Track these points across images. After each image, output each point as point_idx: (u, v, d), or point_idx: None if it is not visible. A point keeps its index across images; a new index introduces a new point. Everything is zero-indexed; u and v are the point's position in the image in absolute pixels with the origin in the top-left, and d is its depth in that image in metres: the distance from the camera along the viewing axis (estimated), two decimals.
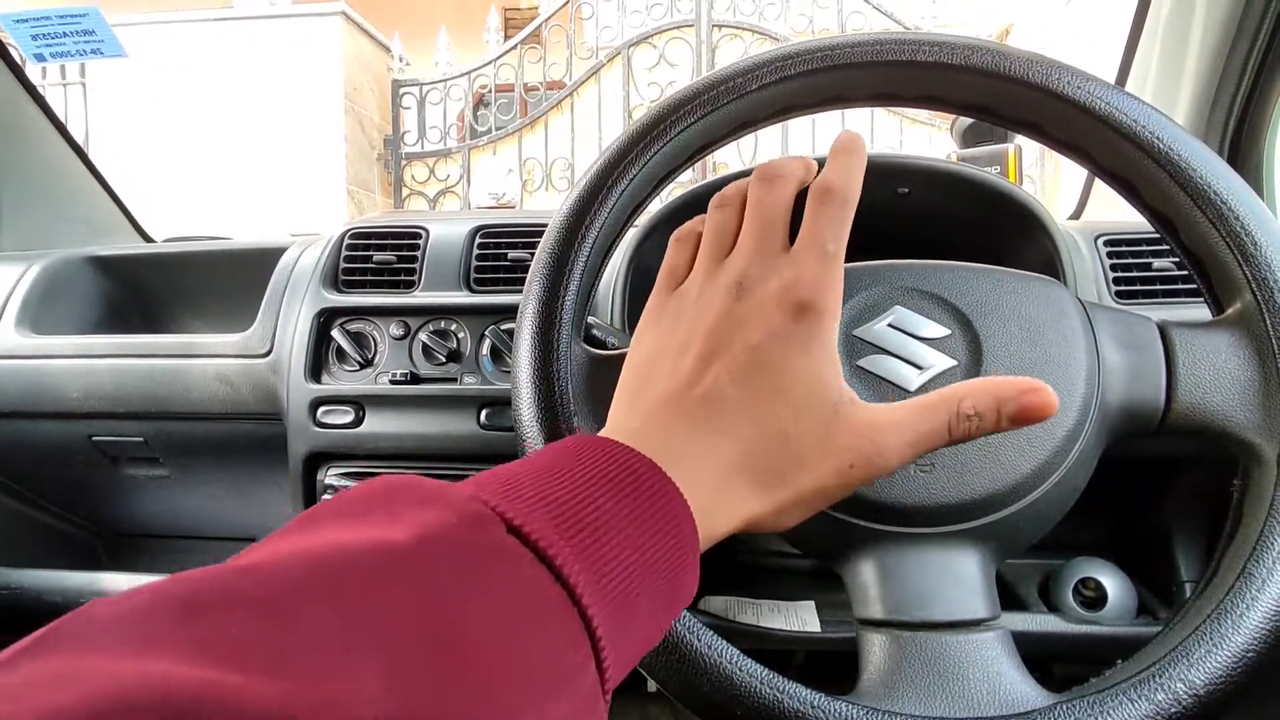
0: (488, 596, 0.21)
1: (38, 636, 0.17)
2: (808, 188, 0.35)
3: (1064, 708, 0.33)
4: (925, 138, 4.73)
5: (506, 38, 5.17)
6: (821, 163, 0.35)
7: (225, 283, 0.94)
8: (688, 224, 0.38)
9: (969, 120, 0.96)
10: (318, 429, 0.73)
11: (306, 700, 0.16)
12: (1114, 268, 0.68)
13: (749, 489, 0.30)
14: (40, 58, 1.04)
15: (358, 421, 0.72)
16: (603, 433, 0.32)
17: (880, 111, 4.67)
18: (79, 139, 1.13)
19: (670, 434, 0.30)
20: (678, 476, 0.28)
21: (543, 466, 0.26)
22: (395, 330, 0.74)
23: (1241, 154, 0.83)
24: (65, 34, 1.03)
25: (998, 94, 0.41)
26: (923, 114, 4.54)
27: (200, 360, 0.79)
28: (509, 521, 0.23)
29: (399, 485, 0.23)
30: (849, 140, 0.35)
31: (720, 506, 0.30)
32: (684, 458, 0.29)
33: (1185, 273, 0.64)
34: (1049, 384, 0.38)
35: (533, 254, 0.46)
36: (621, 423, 0.33)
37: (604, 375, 0.41)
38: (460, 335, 0.73)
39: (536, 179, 5.11)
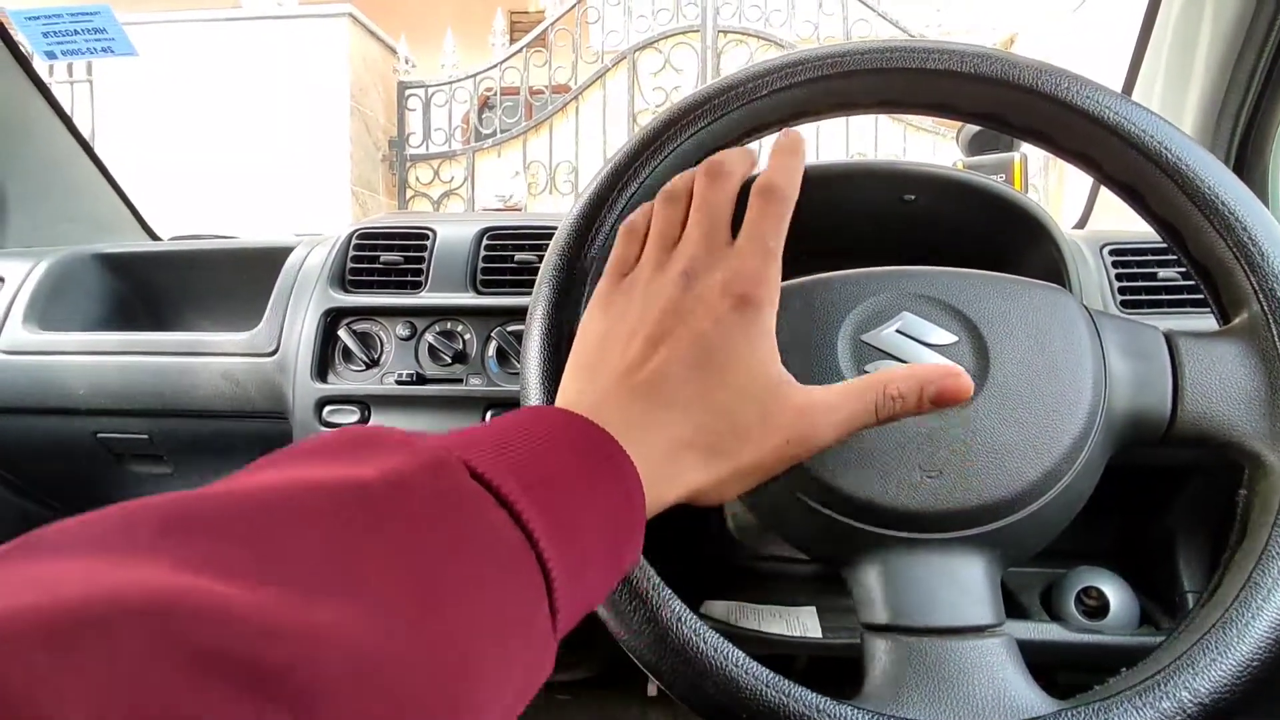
0: (454, 537, 0.22)
1: (11, 546, 0.17)
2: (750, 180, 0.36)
3: (1069, 715, 0.33)
4: (929, 145, 4.73)
5: (512, 41, 5.17)
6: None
7: (232, 281, 0.94)
8: (634, 216, 0.39)
9: (975, 128, 0.96)
10: (323, 428, 0.73)
11: (294, 617, 0.17)
12: (1119, 277, 0.68)
13: (694, 462, 0.32)
14: (51, 55, 1.04)
15: (363, 421, 0.73)
16: (558, 404, 0.34)
17: (884, 119, 4.68)
18: (86, 136, 1.13)
19: (623, 409, 0.32)
20: (629, 447, 0.30)
21: (504, 427, 0.27)
22: (401, 331, 0.74)
23: (1248, 163, 0.83)
24: (76, 32, 1.03)
25: (1007, 102, 0.41)
26: (926, 121, 4.55)
27: (206, 358, 0.79)
28: (472, 469, 0.24)
29: (364, 434, 0.24)
30: (791, 141, 0.37)
31: (667, 477, 0.32)
32: (635, 430, 0.31)
33: (1190, 283, 0.65)
34: (1056, 391, 0.38)
35: (540, 257, 0.46)
36: (575, 396, 0.35)
37: None
38: (466, 337, 0.74)
39: (541, 182, 5.12)
